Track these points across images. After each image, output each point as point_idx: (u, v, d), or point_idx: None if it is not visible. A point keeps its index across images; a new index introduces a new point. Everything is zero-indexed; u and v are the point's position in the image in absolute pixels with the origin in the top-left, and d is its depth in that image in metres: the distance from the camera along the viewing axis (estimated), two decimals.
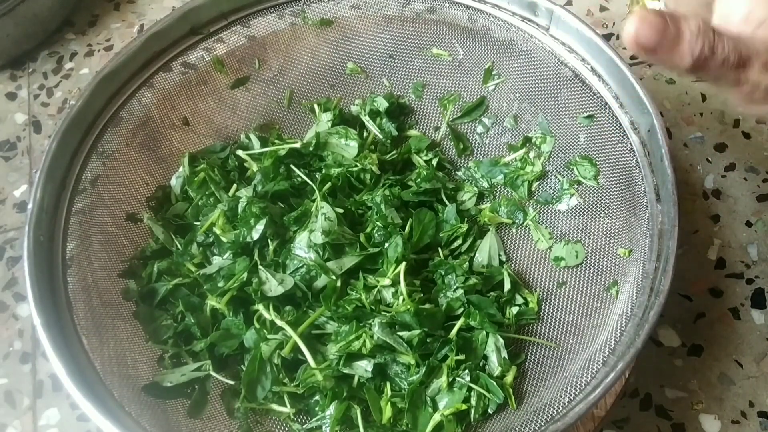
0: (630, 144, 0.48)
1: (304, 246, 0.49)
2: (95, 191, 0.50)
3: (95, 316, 0.46)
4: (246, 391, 0.45)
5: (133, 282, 0.50)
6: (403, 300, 0.47)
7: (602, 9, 0.76)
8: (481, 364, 0.46)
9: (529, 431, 0.41)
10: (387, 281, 0.48)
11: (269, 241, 0.50)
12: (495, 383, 0.44)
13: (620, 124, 0.49)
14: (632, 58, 0.73)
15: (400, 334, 0.45)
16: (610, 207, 0.51)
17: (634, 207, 0.47)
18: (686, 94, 0.70)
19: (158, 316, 0.49)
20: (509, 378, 0.46)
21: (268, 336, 0.46)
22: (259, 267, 0.48)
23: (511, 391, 0.45)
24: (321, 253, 0.49)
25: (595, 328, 0.46)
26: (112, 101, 0.52)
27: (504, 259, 0.53)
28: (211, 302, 0.48)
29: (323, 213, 0.49)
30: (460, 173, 0.59)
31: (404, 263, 0.48)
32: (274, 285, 0.47)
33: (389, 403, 0.44)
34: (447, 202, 0.55)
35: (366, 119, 0.59)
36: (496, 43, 0.56)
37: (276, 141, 0.58)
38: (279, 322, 0.46)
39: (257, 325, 0.47)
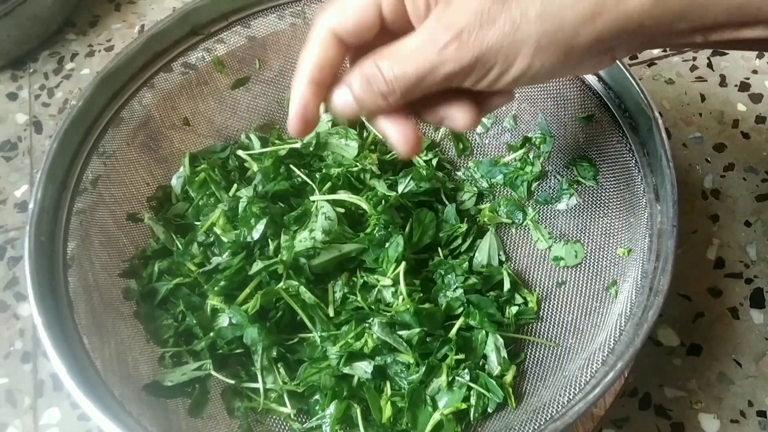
0: (629, 144, 0.48)
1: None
2: (96, 191, 0.50)
3: (96, 315, 0.46)
4: None
5: (134, 282, 0.50)
6: (403, 300, 0.47)
7: None
8: (480, 363, 0.47)
9: (529, 430, 0.41)
10: (387, 281, 0.48)
11: (270, 240, 0.50)
12: (494, 382, 0.44)
13: (619, 124, 0.49)
14: (632, 58, 0.73)
15: (400, 333, 0.45)
16: (609, 207, 0.51)
17: (633, 207, 0.48)
18: (685, 95, 0.70)
19: (159, 316, 0.49)
20: (509, 377, 0.46)
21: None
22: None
23: (510, 390, 0.45)
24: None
25: (595, 327, 0.46)
26: (113, 101, 0.52)
27: (503, 259, 0.53)
28: (212, 302, 0.48)
29: (323, 212, 0.49)
30: (459, 173, 0.59)
31: (404, 263, 0.48)
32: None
33: (389, 402, 0.44)
34: (447, 202, 0.55)
35: (366, 119, 0.59)
36: None
37: (276, 141, 0.58)
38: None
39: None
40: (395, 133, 0.34)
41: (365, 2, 0.32)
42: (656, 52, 0.73)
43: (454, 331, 0.47)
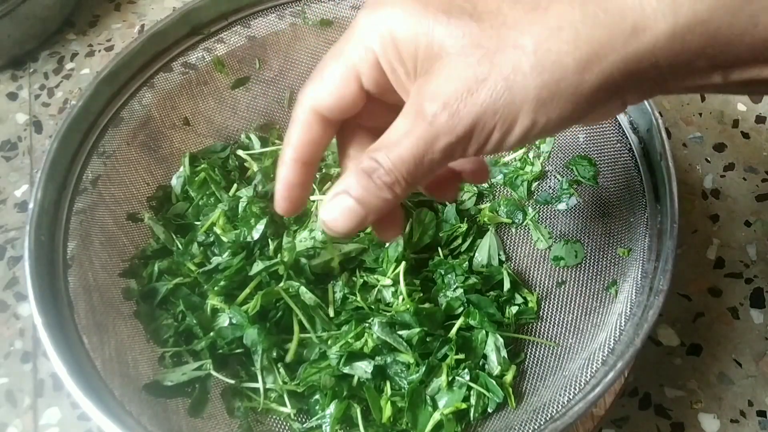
0: (629, 144, 0.48)
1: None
2: (96, 191, 0.50)
3: (96, 315, 0.46)
4: None
5: (134, 281, 0.50)
6: (403, 299, 0.47)
7: None
8: (480, 363, 0.47)
9: (529, 430, 0.41)
10: (387, 281, 0.48)
11: (270, 240, 0.50)
12: (494, 382, 0.44)
13: (619, 124, 0.49)
14: None
15: (400, 333, 0.45)
16: (609, 207, 0.51)
17: (633, 207, 0.48)
18: (685, 94, 0.70)
19: (159, 316, 0.49)
20: (509, 377, 0.46)
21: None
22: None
23: (510, 390, 0.45)
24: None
25: (595, 327, 0.46)
26: (113, 101, 0.52)
27: (503, 259, 0.53)
28: (212, 302, 0.48)
29: None
30: None
31: (404, 263, 0.48)
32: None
33: (389, 402, 0.44)
34: (447, 202, 0.55)
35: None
36: None
37: (276, 141, 0.58)
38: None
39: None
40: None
41: (342, 77, 0.29)
42: None
43: (454, 331, 0.47)
